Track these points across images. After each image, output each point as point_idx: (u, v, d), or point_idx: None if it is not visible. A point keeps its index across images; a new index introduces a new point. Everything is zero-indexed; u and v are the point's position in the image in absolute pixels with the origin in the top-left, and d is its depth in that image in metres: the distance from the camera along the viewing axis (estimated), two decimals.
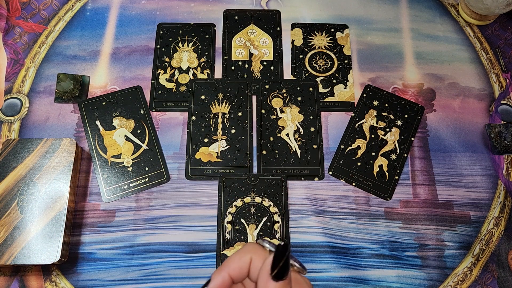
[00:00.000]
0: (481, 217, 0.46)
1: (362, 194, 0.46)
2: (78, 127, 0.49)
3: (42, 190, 0.42)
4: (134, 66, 0.52)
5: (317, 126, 0.49)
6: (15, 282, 0.42)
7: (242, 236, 0.44)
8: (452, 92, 0.52)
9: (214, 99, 0.50)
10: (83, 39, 0.54)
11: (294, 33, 0.55)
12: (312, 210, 0.45)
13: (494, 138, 0.48)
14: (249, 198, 0.45)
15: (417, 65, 0.54)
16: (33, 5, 0.56)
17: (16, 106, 0.50)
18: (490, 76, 0.53)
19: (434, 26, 0.56)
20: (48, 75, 0.51)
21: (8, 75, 0.51)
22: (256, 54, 0.54)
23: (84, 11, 0.56)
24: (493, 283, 0.43)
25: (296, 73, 0.52)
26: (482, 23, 0.56)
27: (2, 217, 0.41)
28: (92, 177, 0.47)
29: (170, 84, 0.51)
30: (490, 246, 0.45)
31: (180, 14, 0.56)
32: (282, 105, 0.50)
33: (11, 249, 0.40)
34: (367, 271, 0.43)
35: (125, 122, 0.49)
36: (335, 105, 0.51)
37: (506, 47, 0.55)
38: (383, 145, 0.48)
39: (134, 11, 0.56)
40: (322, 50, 0.54)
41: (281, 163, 0.47)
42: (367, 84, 0.52)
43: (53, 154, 0.44)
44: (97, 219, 0.45)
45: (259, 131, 0.49)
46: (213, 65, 0.53)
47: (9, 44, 0.53)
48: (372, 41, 0.55)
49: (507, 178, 0.48)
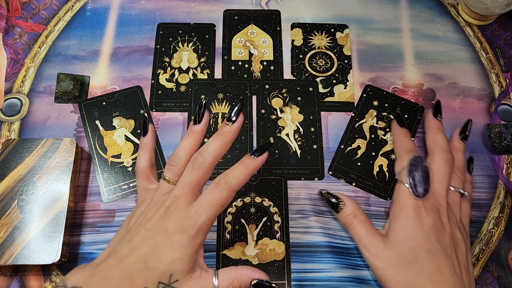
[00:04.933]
0: (481, 217, 0.46)
1: (362, 194, 0.46)
2: (78, 127, 0.49)
3: (42, 190, 0.42)
4: (134, 66, 0.52)
5: (317, 126, 0.49)
6: (15, 282, 0.42)
7: (242, 236, 0.44)
8: (452, 92, 0.52)
9: (214, 99, 0.50)
10: (83, 39, 0.54)
11: (294, 33, 0.55)
12: (312, 210, 0.45)
13: (494, 138, 0.48)
14: (249, 198, 0.45)
15: (417, 65, 0.54)
16: (33, 5, 0.56)
17: (16, 106, 0.50)
18: (490, 76, 0.53)
19: (434, 26, 0.56)
20: (48, 75, 0.51)
21: (8, 75, 0.51)
22: (256, 54, 0.54)
23: (84, 11, 0.56)
24: (493, 283, 0.43)
25: (296, 73, 0.52)
26: (482, 23, 0.56)
27: (2, 217, 0.41)
28: (92, 177, 0.47)
29: (170, 84, 0.51)
30: (490, 246, 0.45)
31: (180, 14, 0.56)
32: (282, 105, 0.50)
33: (11, 249, 0.40)
34: (367, 271, 0.43)
35: (125, 122, 0.49)
36: (335, 105, 0.51)
37: (506, 47, 0.55)
38: (383, 145, 0.48)
39: (134, 11, 0.56)
40: (322, 50, 0.54)
41: (281, 163, 0.47)
42: (367, 84, 0.52)
43: (53, 154, 0.44)
44: (97, 219, 0.45)
45: (259, 131, 0.49)
46: (213, 65, 0.53)
47: (9, 44, 0.53)
48: (372, 41, 0.55)
49: (507, 178, 0.48)
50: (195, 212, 0.32)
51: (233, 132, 0.34)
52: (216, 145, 0.33)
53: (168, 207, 0.32)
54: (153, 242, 0.31)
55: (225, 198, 0.32)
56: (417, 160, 0.39)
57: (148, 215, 0.33)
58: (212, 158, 0.33)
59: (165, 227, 0.32)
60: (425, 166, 0.38)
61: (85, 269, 0.32)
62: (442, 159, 0.39)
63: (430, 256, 0.35)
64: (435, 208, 0.37)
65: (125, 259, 0.31)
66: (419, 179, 0.37)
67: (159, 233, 0.32)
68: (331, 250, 0.43)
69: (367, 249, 0.37)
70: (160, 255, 0.31)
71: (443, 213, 0.37)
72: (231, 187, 0.32)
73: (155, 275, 0.31)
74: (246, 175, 0.33)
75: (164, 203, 0.33)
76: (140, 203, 0.36)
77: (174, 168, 0.34)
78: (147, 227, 0.32)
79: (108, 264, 0.32)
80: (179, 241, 0.31)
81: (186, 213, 0.32)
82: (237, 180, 0.32)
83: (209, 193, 0.32)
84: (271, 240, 0.44)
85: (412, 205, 0.37)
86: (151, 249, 0.31)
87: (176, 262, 0.31)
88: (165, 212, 0.32)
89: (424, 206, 0.37)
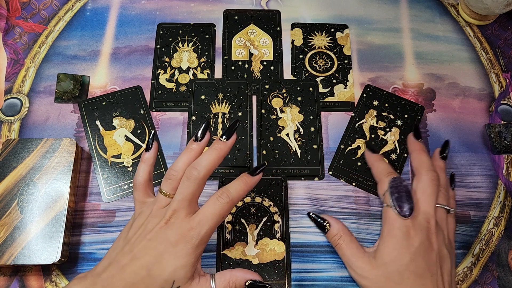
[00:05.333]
0: (481, 217, 0.46)
1: (362, 194, 0.46)
2: (78, 127, 0.49)
3: (42, 190, 0.42)
4: (134, 66, 0.52)
5: (317, 126, 0.49)
6: (15, 282, 0.42)
7: (242, 236, 0.44)
8: (452, 92, 0.52)
9: (214, 99, 0.50)
10: (83, 39, 0.54)
11: (294, 33, 0.55)
12: (312, 210, 0.45)
13: (494, 138, 0.48)
14: (249, 198, 0.45)
15: (417, 65, 0.54)
16: (33, 5, 0.56)
17: (16, 106, 0.50)
18: (490, 76, 0.53)
19: (434, 26, 0.56)
20: (48, 75, 0.51)
21: (8, 75, 0.51)
22: (256, 54, 0.54)
23: (84, 11, 0.56)
24: (493, 283, 0.43)
25: (296, 73, 0.52)
26: (482, 23, 0.56)
27: (2, 217, 0.41)
28: (92, 177, 0.47)
29: (170, 84, 0.51)
30: (490, 246, 0.45)
31: (180, 14, 0.56)
32: (282, 105, 0.50)
33: (11, 249, 0.40)
34: None
35: (125, 122, 0.49)
36: (335, 105, 0.51)
37: (506, 47, 0.55)
38: (383, 145, 0.48)
39: (134, 11, 0.56)
40: (322, 50, 0.54)
41: (281, 163, 0.47)
42: (367, 84, 0.52)
43: (53, 154, 0.44)
44: (97, 219, 0.45)
45: (259, 131, 0.49)
46: (213, 65, 0.53)
47: (9, 44, 0.53)
48: (372, 41, 0.55)
49: (507, 178, 0.48)
50: (198, 223, 0.33)
51: (226, 148, 0.36)
52: (210, 160, 0.35)
53: (168, 219, 0.34)
54: (156, 252, 0.33)
55: (226, 211, 0.35)
56: (396, 181, 0.40)
57: (148, 227, 0.34)
58: (206, 171, 0.35)
59: (167, 238, 0.33)
60: (405, 185, 0.39)
61: (86, 279, 0.33)
62: (428, 178, 0.40)
63: (416, 277, 0.36)
64: (424, 227, 0.38)
65: (127, 269, 0.32)
66: (403, 199, 0.38)
67: (162, 243, 0.33)
68: (331, 250, 0.43)
69: (352, 269, 0.39)
70: (163, 263, 0.32)
71: (431, 231, 0.38)
72: (232, 200, 0.35)
73: (158, 283, 0.32)
74: (245, 191, 0.36)
75: (164, 216, 0.34)
76: (138, 215, 0.37)
77: (172, 182, 0.36)
78: (148, 238, 0.33)
79: (110, 273, 0.33)
80: (183, 250, 0.33)
81: (188, 224, 0.33)
82: (238, 194, 0.35)
83: (212, 205, 0.34)
84: (271, 240, 0.44)
85: (400, 226, 0.37)
86: (154, 258, 0.33)
87: (179, 270, 0.32)
88: (166, 224, 0.34)
89: (413, 225, 0.37)
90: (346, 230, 0.41)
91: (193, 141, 0.37)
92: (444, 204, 0.40)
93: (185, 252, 0.33)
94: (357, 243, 0.40)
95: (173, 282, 0.32)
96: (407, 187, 0.39)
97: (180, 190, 0.35)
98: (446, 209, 0.40)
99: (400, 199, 0.38)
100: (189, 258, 0.33)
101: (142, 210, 0.37)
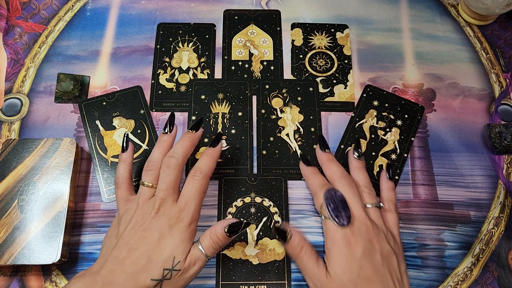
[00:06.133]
0: (481, 217, 0.46)
1: None
2: (78, 127, 0.49)
3: (42, 190, 0.42)
4: (134, 66, 0.52)
5: (317, 126, 0.49)
6: (15, 282, 0.42)
7: (242, 236, 0.44)
8: (452, 92, 0.52)
9: (214, 99, 0.50)
10: (83, 39, 0.54)
11: (294, 33, 0.55)
12: (312, 210, 0.45)
13: (494, 138, 0.48)
14: (249, 198, 0.45)
15: (417, 65, 0.54)
16: (33, 5, 0.56)
17: (16, 106, 0.50)
18: (490, 76, 0.53)
19: (434, 26, 0.56)
20: (48, 75, 0.51)
21: (8, 75, 0.51)
22: (256, 54, 0.54)
23: (84, 11, 0.56)
24: (493, 283, 0.43)
25: (296, 73, 0.52)
26: (482, 23, 0.56)
27: (2, 217, 0.41)
28: (92, 177, 0.47)
29: (170, 84, 0.51)
30: (490, 246, 0.45)
31: (180, 14, 0.56)
32: (282, 105, 0.50)
33: (11, 249, 0.40)
34: None
35: (125, 122, 0.49)
36: (335, 105, 0.51)
37: (506, 47, 0.55)
38: (383, 145, 0.48)
39: (134, 11, 0.56)
40: (322, 50, 0.54)
41: (281, 163, 0.47)
42: (367, 84, 0.52)
43: (53, 154, 0.44)
44: (97, 219, 0.45)
45: (259, 131, 0.49)
46: (213, 65, 0.53)
47: (9, 44, 0.53)
48: (372, 41, 0.55)
49: (507, 178, 0.48)
50: (185, 204, 0.37)
51: (196, 138, 0.40)
52: (184, 147, 0.39)
53: (158, 209, 0.36)
54: (153, 239, 0.35)
55: (204, 185, 0.38)
56: (330, 192, 0.40)
57: (139, 219, 0.36)
58: (182, 158, 0.39)
59: (161, 225, 0.36)
60: (339, 195, 0.39)
61: (85, 277, 0.34)
62: (343, 184, 0.40)
63: (367, 282, 0.36)
64: (362, 232, 0.38)
65: (126, 261, 0.34)
66: (339, 208, 0.38)
67: (156, 230, 0.35)
68: None
69: (312, 282, 0.38)
70: (161, 247, 0.35)
71: (370, 232, 0.38)
72: (206, 174, 0.38)
73: (159, 264, 0.34)
74: (213, 162, 0.40)
75: (153, 206, 0.36)
76: (124, 212, 0.38)
77: (152, 172, 0.39)
78: (143, 229, 0.35)
79: (109, 268, 0.34)
80: (177, 230, 0.35)
81: (177, 207, 0.36)
82: (208, 168, 0.39)
83: (190, 184, 0.38)
84: (271, 240, 0.44)
85: (341, 236, 0.37)
86: (152, 245, 0.35)
87: (178, 246, 0.35)
88: (157, 213, 0.36)
89: (352, 233, 0.37)
90: (307, 242, 0.40)
91: (163, 134, 0.41)
92: (372, 203, 0.40)
93: (180, 231, 0.35)
94: (317, 255, 0.39)
95: (173, 258, 0.34)
96: (342, 196, 0.39)
97: (163, 179, 0.37)
98: (377, 206, 0.40)
99: (336, 210, 0.38)
100: (185, 235, 0.36)
101: (127, 207, 0.38)
